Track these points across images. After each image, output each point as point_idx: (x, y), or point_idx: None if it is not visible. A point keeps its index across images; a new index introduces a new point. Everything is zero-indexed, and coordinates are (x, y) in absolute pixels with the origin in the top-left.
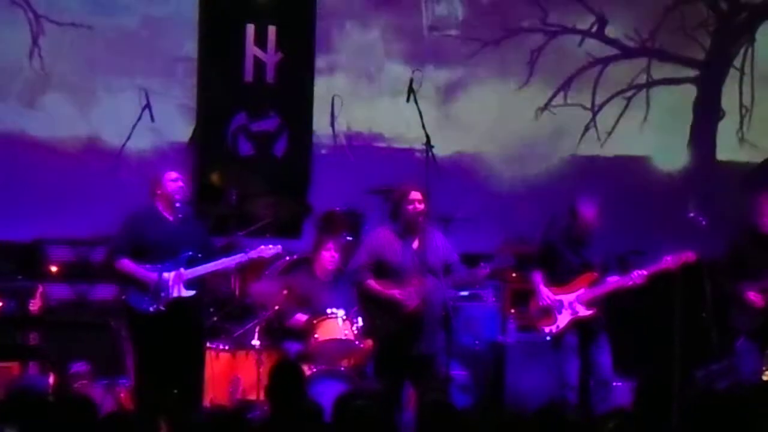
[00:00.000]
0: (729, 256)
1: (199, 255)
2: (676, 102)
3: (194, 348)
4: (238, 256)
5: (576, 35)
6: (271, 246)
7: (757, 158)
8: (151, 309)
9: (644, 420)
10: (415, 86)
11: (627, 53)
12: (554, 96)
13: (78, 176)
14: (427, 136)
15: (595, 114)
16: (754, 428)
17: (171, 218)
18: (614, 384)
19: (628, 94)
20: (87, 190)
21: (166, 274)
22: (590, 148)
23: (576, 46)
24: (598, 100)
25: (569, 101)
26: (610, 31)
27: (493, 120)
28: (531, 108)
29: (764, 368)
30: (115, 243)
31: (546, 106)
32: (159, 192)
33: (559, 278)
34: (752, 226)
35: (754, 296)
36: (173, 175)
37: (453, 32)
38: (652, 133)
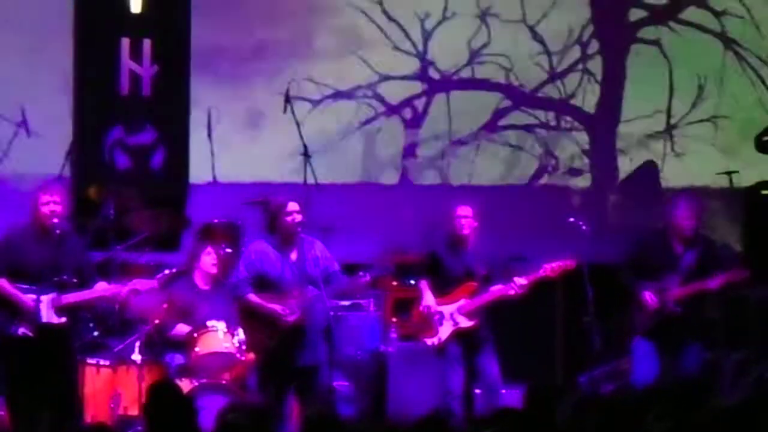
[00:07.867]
0: (634, 254)
1: (74, 280)
2: None
3: (66, 372)
4: (114, 287)
5: None
6: (146, 281)
7: None
8: (19, 333)
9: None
10: (291, 95)
11: None
12: None
13: None
14: (305, 146)
15: None
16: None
17: (47, 240)
18: (502, 391)
19: None
20: None
21: (41, 298)
22: None
23: None
24: None
25: None
26: None
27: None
28: None
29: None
30: None
31: None
32: (34, 215)
33: (442, 287)
34: (661, 229)
35: (649, 297)
36: (44, 198)
37: None
38: None
